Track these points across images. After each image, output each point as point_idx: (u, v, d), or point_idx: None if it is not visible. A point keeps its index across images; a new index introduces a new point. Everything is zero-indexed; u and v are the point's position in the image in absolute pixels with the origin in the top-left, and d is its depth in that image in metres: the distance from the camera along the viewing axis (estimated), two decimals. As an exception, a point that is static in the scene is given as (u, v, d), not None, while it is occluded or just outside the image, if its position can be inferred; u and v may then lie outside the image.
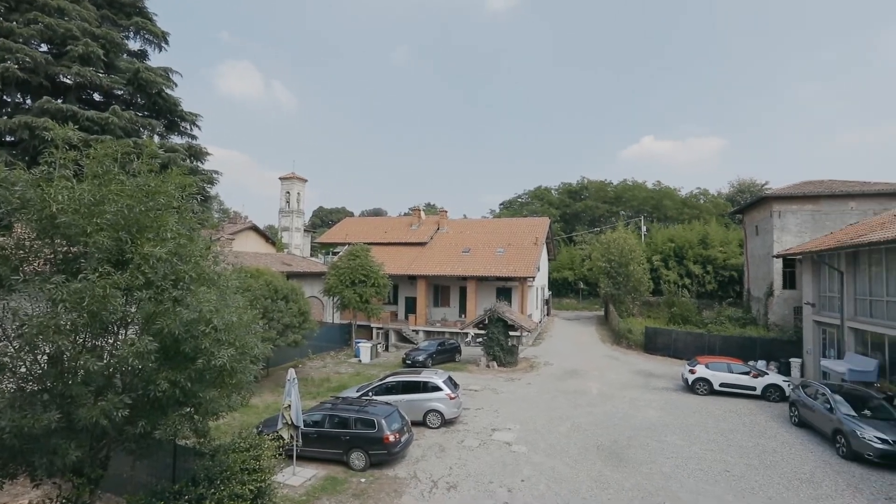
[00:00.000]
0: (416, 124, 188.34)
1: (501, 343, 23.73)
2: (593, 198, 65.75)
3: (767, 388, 18.24)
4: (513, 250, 32.58)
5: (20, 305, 5.88)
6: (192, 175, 11.10)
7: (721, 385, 18.72)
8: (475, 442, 13.75)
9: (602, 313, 41.65)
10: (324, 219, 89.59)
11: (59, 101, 18.98)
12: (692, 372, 19.17)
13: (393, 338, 30.90)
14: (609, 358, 26.06)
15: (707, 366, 19.22)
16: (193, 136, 24.37)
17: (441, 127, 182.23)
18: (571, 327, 37.13)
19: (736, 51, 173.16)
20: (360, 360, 25.22)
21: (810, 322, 20.50)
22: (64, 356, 6.02)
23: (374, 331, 31.35)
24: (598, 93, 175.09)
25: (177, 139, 23.78)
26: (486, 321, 24.06)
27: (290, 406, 11.18)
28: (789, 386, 17.61)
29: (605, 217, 63.94)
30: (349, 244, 30.81)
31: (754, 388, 18.37)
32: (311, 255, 58.52)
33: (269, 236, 42.41)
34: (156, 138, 22.37)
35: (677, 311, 31.50)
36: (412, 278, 32.57)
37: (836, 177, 27.88)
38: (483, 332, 24.55)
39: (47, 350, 6.00)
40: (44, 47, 20.27)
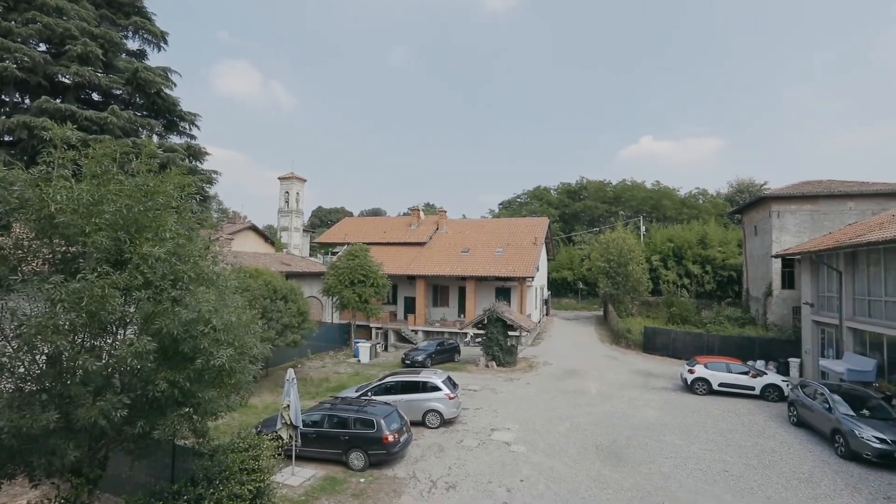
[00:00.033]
0: (415, 124, 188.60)
1: (500, 343, 23.72)
2: (592, 198, 65.78)
3: (766, 387, 18.27)
4: (512, 250, 32.58)
5: (18, 305, 5.87)
6: (191, 175, 11.07)
7: (720, 385, 18.75)
8: (474, 442, 13.76)
9: (601, 313, 41.68)
10: (323, 219, 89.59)
11: (58, 100, 18.98)
12: (691, 372, 19.20)
13: (392, 338, 30.90)
14: (608, 358, 26.08)
15: (706, 366, 19.25)
16: (192, 136, 24.43)
17: (441, 127, 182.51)
18: (570, 327, 37.14)
19: (735, 51, 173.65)
20: (359, 360, 25.23)
21: (809, 322, 20.53)
22: (62, 356, 6.01)
23: (374, 331, 31.35)
24: (597, 93, 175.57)
25: (176, 139, 23.82)
26: (485, 321, 24.05)
27: (289, 406, 11.18)
28: (788, 386, 17.65)
29: (605, 217, 63.97)
30: (348, 244, 30.77)
31: (753, 388, 18.40)
32: (311, 255, 58.50)
33: (268, 236, 42.32)
34: (155, 138, 22.38)
35: (676, 310, 31.53)
36: (411, 278, 32.57)
37: (834, 177, 27.93)
38: (482, 332, 24.54)
39: (46, 350, 5.98)
40: (42, 47, 20.27)
